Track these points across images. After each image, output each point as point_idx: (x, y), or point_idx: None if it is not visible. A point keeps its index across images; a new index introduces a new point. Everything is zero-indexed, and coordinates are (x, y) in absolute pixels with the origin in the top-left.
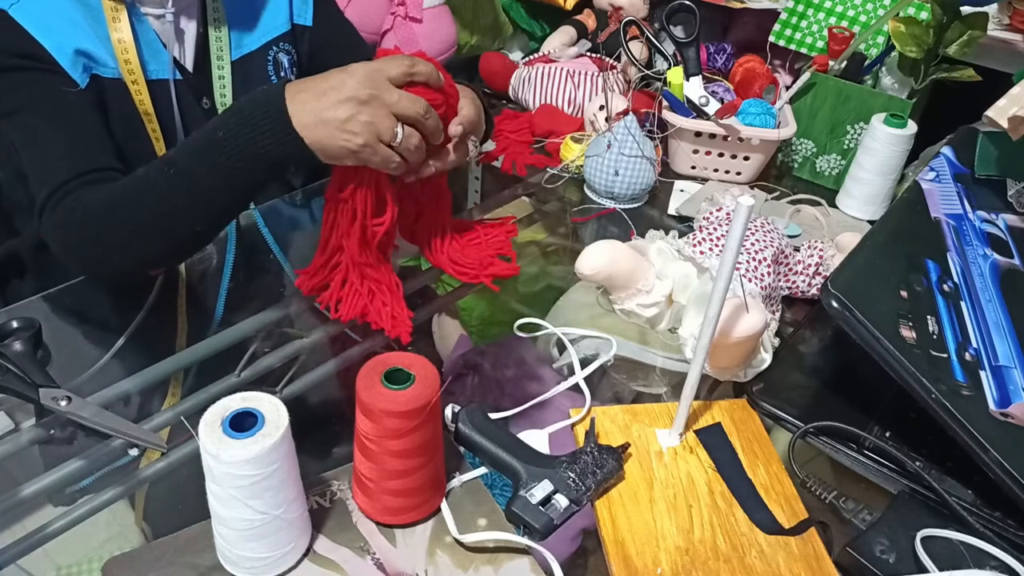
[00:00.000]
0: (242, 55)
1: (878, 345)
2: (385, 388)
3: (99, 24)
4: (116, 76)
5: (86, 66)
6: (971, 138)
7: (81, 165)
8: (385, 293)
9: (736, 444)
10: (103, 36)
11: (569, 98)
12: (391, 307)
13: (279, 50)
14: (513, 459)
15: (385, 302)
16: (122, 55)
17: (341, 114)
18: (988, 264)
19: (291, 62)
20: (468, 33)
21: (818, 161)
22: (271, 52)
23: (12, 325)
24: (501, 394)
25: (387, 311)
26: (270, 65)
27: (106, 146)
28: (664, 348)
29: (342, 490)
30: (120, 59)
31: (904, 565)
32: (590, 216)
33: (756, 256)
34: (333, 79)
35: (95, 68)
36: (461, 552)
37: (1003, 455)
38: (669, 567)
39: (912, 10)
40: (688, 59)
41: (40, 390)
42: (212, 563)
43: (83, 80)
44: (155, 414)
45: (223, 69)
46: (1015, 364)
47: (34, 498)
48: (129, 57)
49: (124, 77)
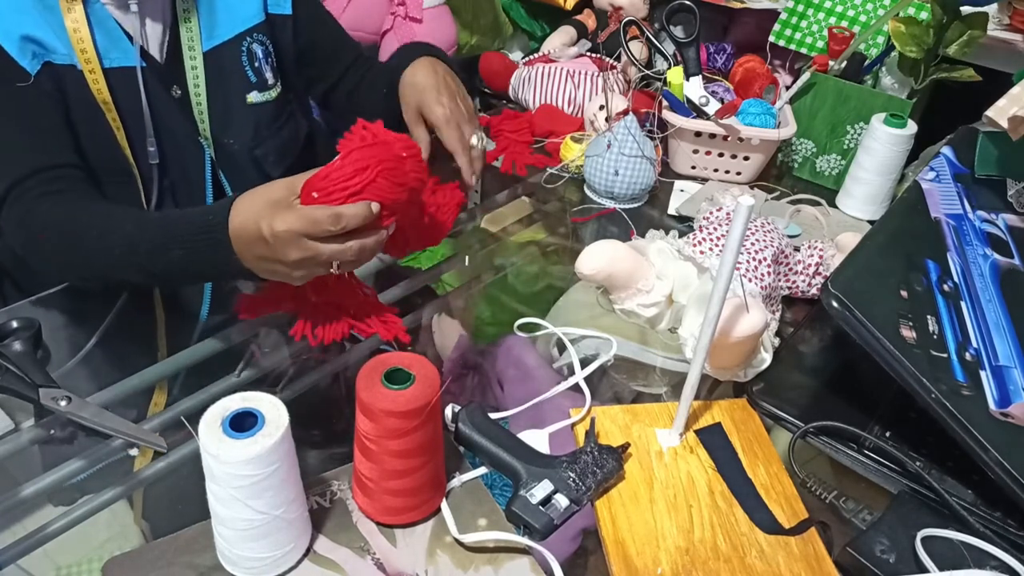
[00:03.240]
0: (214, 46)
1: (878, 345)
2: (385, 388)
3: (49, 11)
4: (69, 63)
5: (35, 53)
6: (971, 138)
7: (39, 161)
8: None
9: (736, 444)
10: (54, 23)
11: (569, 98)
12: (374, 313)
13: (253, 40)
14: (513, 459)
15: (366, 311)
16: (78, 44)
17: (279, 272)
18: (988, 264)
19: (265, 53)
20: (468, 33)
21: (818, 161)
22: (244, 43)
23: (12, 325)
24: (501, 394)
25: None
26: (244, 56)
27: (63, 140)
28: (664, 348)
29: (342, 490)
30: (76, 48)
31: (904, 565)
32: (590, 216)
33: (756, 256)
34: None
35: (46, 55)
36: (461, 552)
37: (1003, 455)
38: (669, 567)
39: (912, 10)
40: (688, 59)
41: (40, 390)
42: (212, 563)
43: (33, 68)
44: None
45: (195, 60)
46: (1015, 364)
47: (34, 498)
48: (85, 46)
49: (82, 66)
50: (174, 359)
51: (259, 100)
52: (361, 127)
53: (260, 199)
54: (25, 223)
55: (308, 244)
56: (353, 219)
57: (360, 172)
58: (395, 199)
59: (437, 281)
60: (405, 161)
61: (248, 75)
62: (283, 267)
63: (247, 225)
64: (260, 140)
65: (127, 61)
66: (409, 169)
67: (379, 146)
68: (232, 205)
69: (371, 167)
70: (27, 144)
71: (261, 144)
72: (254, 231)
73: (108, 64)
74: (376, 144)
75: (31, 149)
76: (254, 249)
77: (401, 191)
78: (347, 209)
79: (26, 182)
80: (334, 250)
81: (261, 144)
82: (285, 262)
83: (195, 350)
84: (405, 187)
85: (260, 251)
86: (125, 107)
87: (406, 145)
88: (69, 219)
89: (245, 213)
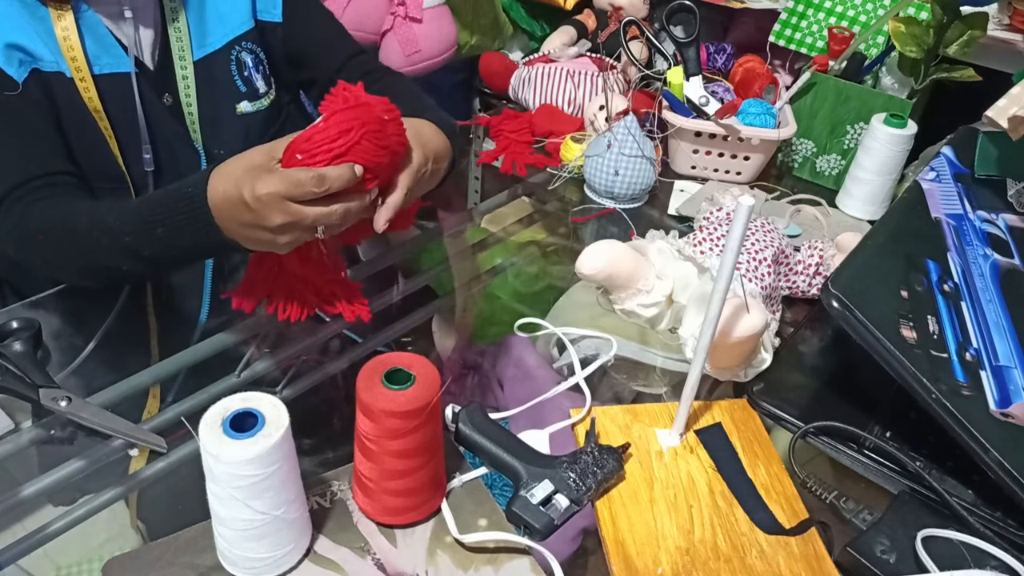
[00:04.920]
0: (204, 55)
1: (878, 345)
2: (385, 388)
3: (38, 19)
4: (57, 70)
5: (22, 60)
6: (971, 138)
7: (31, 169)
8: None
9: (736, 444)
10: (42, 30)
11: (569, 98)
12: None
13: (242, 49)
14: (513, 459)
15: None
16: (68, 52)
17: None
18: (988, 264)
19: (255, 61)
20: (468, 33)
21: (818, 161)
22: (234, 52)
23: (12, 325)
24: (501, 394)
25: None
26: (233, 65)
27: (55, 147)
28: (664, 348)
29: (342, 490)
30: (66, 56)
31: (904, 565)
32: (590, 216)
33: (756, 256)
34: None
35: (33, 62)
36: (461, 552)
37: (1003, 455)
38: (670, 567)
39: (912, 10)
40: (688, 59)
41: (40, 390)
42: (212, 563)
43: (20, 75)
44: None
45: (186, 70)
46: (1015, 364)
47: (34, 498)
48: (75, 54)
49: (72, 74)
50: (174, 359)
51: (250, 110)
52: (343, 88)
53: (239, 166)
54: (20, 227)
55: (292, 208)
56: (337, 180)
57: (344, 134)
58: (378, 161)
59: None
60: (387, 124)
61: (238, 85)
62: (267, 233)
63: (229, 193)
64: None
65: (118, 67)
66: (391, 132)
67: (362, 107)
68: (210, 175)
69: (355, 128)
70: (19, 153)
71: None
72: (235, 197)
73: (99, 70)
74: (359, 106)
75: (23, 157)
76: (238, 216)
77: (384, 154)
78: (330, 171)
79: (19, 191)
80: (318, 213)
81: None
82: (269, 227)
83: (195, 351)
84: (388, 150)
85: (244, 217)
86: (116, 114)
87: (387, 108)
88: (61, 220)
89: (225, 181)
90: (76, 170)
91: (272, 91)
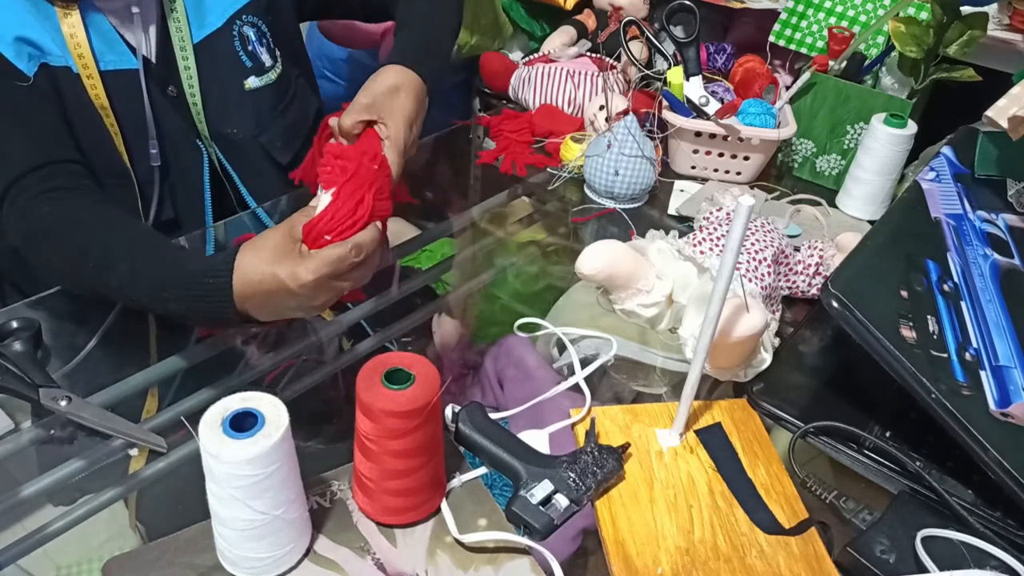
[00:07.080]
0: (204, 36)
1: (878, 345)
2: (385, 388)
3: (44, 16)
4: (64, 64)
5: (31, 55)
6: (971, 138)
7: (37, 158)
8: None
9: (736, 444)
10: (49, 27)
11: (569, 98)
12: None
13: (243, 23)
14: (513, 459)
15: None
16: (75, 49)
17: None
18: (988, 264)
19: (258, 35)
20: (468, 33)
21: (818, 161)
22: (235, 27)
23: (12, 325)
24: (501, 394)
25: None
26: (236, 41)
27: (63, 138)
28: (664, 348)
29: (342, 490)
30: (73, 54)
31: (904, 565)
32: (590, 216)
33: (756, 256)
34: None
35: (42, 56)
36: (461, 552)
37: (1003, 455)
38: (669, 567)
39: (912, 10)
40: (688, 59)
41: (40, 390)
42: (212, 563)
43: (30, 69)
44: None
45: (186, 54)
46: (1015, 364)
47: (34, 498)
48: (83, 51)
49: (79, 70)
50: (173, 360)
51: (258, 85)
52: (333, 157)
53: (264, 253)
54: (25, 220)
55: (335, 283)
56: (371, 244)
57: (359, 204)
58: (386, 210)
59: (437, 281)
60: (379, 172)
61: (243, 60)
62: (306, 309)
63: (265, 285)
64: (264, 126)
65: (123, 64)
66: (384, 176)
67: (360, 171)
68: (234, 264)
69: (365, 195)
70: (25, 142)
71: (265, 130)
72: (273, 287)
73: (104, 67)
74: (358, 171)
75: (30, 147)
76: (279, 302)
77: (388, 201)
78: (362, 237)
79: (24, 179)
80: (358, 276)
81: (265, 130)
82: (314, 305)
83: (194, 351)
84: (388, 195)
85: (288, 303)
86: (122, 110)
87: (372, 156)
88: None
89: (254, 272)
90: (83, 159)
91: (279, 64)
